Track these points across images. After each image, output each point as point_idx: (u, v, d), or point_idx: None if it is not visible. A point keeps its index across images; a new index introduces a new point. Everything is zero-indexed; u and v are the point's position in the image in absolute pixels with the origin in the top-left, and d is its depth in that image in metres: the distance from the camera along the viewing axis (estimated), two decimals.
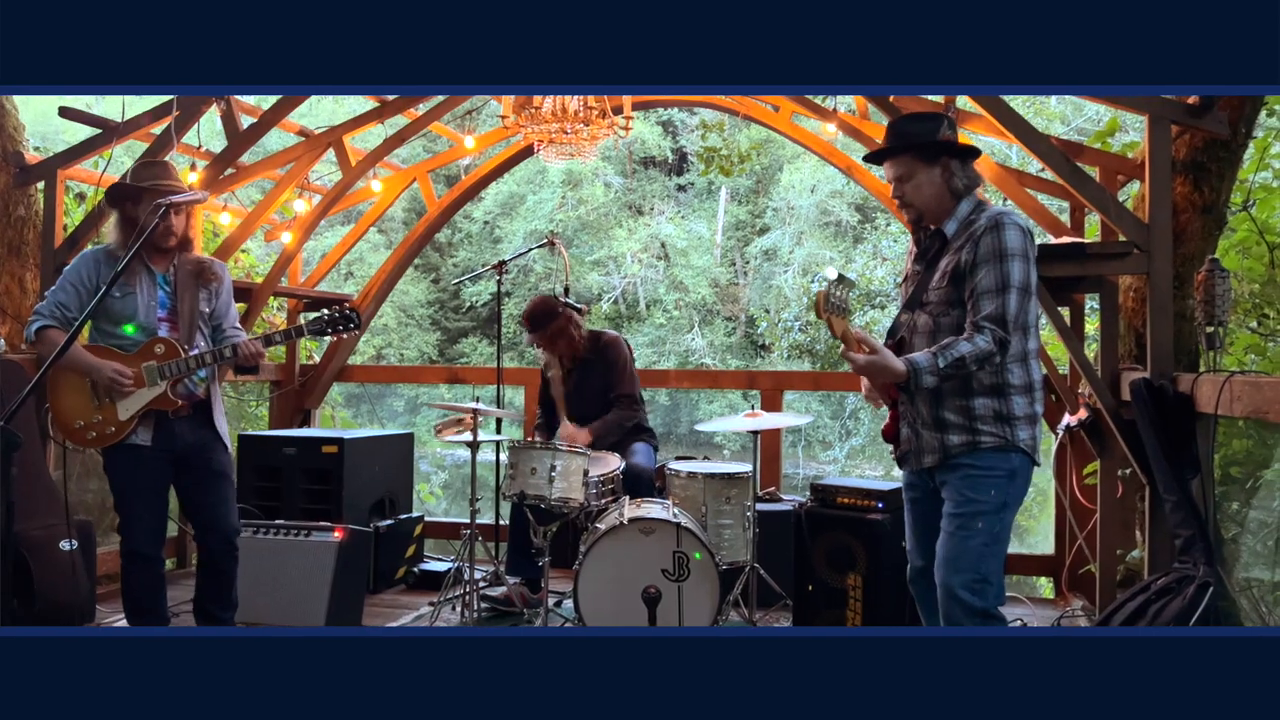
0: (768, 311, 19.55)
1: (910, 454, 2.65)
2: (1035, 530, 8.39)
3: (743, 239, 22.10)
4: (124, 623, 3.96)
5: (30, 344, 3.27)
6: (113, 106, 5.12)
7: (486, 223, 22.32)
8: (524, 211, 21.78)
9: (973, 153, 2.63)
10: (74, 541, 3.89)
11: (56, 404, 3.27)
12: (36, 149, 5.22)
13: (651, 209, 22.53)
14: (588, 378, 4.49)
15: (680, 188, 23.04)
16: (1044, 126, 13.68)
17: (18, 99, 5.28)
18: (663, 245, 21.47)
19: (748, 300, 21.23)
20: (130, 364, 3.20)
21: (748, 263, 21.65)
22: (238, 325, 3.50)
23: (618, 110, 4.48)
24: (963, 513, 2.51)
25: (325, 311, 3.26)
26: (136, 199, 3.21)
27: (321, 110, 16.69)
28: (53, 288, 3.28)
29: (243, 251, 6.23)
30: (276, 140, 6.53)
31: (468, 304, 22.17)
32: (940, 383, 2.46)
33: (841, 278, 2.40)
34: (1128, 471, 3.92)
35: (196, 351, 3.26)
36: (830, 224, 20.51)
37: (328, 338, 3.34)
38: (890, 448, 2.76)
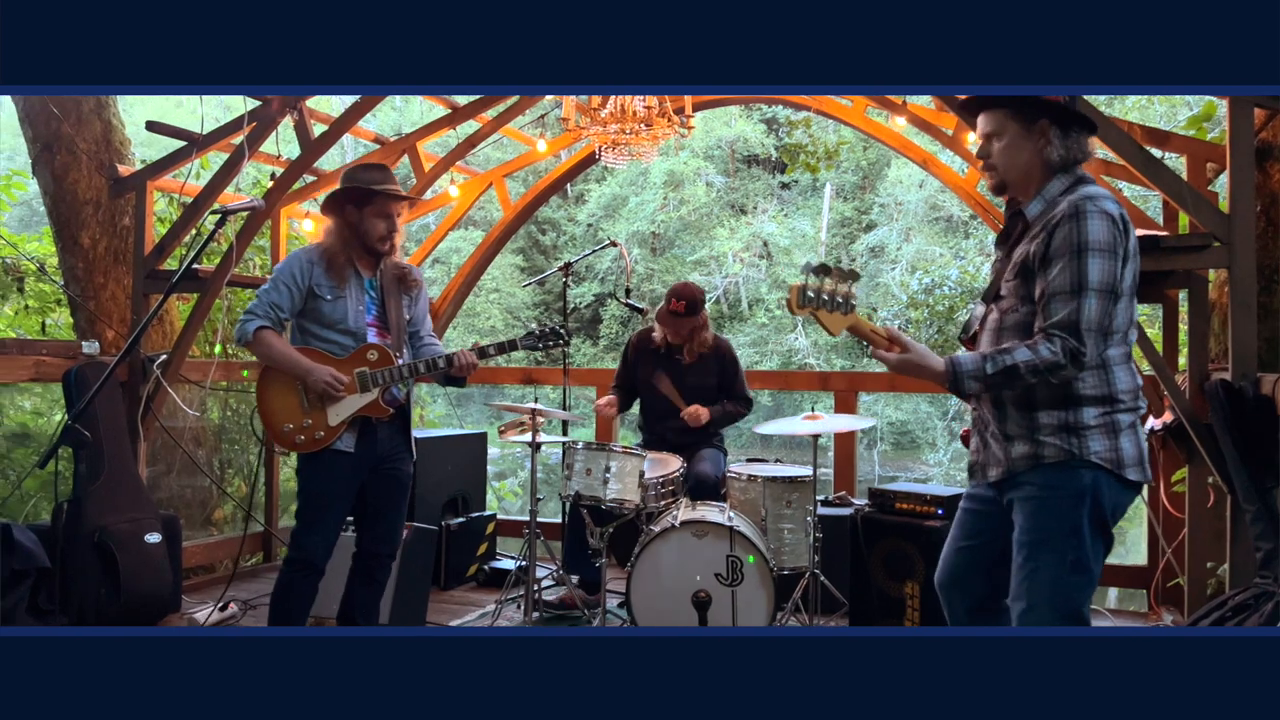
0: (875, 310, 19.12)
1: (977, 466, 2.35)
2: (1127, 540, 7.93)
3: (848, 236, 21.70)
4: (212, 615, 4.18)
5: (246, 344, 3.15)
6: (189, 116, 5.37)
7: (590, 225, 22.57)
8: (626, 213, 21.93)
9: (1081, 121, 2.23)
10: (159, 535, 4.12)
11: (265, 406, 3.17)
12: (143, 161, 5.52)
13: (754, 208, 22.36)
14: (691, 372, 4.49)
15: (784, 185, 22.77)
16: (1168, 111, 12.91)
17: (123, 115, 5.61)
18: (765, 244, 21.28)
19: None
20: (343, 369, 3.12)
21: (853, 260, 21.22)
22: (433, 333, 3.45)
23: (679, 111, 4.45)
24: (1028, 540, 2.19)
25: (536, 327, 3.22)
26: (361, 202, 3.12)
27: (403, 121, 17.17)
28: (264, 287, 3.14)
29: None
30: (356, 149, 6.73)
31: (572, 305, 22.45)
32: (986, 390, 2.17)
33: (825, 268, 2.11)
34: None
35: (406, 360, 3.21)
36: (940, 219, 19.94)
37: (539, 353, 3.22)
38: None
